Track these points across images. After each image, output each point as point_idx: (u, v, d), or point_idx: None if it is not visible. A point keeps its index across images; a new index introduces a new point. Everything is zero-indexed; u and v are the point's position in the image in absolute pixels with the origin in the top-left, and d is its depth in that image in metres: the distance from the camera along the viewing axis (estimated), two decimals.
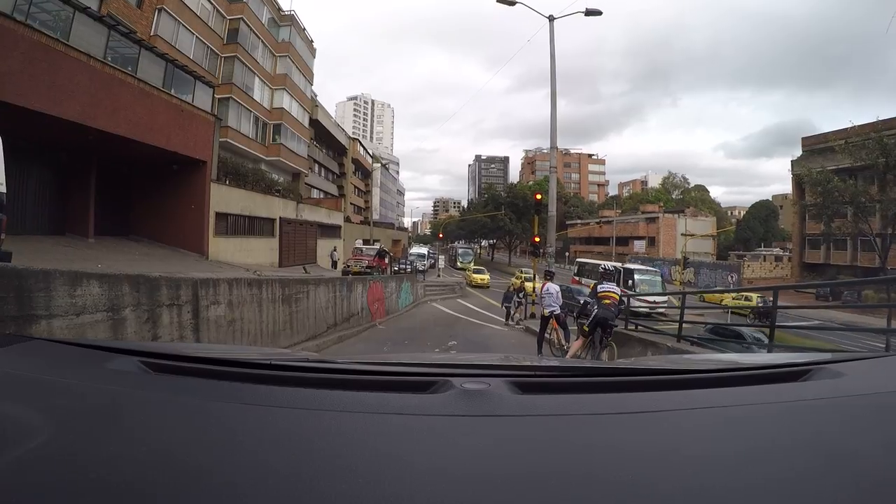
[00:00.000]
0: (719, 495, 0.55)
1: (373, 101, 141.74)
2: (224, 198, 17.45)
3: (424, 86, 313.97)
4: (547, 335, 8.62)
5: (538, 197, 16.19)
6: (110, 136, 12.77)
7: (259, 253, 19.93)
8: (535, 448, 0.64)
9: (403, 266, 24.55)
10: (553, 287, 8.60)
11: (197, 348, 1.96)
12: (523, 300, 15.45)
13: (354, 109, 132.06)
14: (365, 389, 0.84)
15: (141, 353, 0.97)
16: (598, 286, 6.72)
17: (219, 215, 17.11)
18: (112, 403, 0.75)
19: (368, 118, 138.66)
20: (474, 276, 33.27)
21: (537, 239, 16.02)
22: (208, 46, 23.05)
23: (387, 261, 21.16)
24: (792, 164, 37.44)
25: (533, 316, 15.16)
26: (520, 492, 0.53)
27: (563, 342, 8.19)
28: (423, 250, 42.14)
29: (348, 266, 18.57)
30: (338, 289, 9.63)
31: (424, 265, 32.39)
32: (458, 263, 50.08)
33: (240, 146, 24.54)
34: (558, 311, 8.32)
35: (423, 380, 0.87)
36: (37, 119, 11.15)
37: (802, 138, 38.33)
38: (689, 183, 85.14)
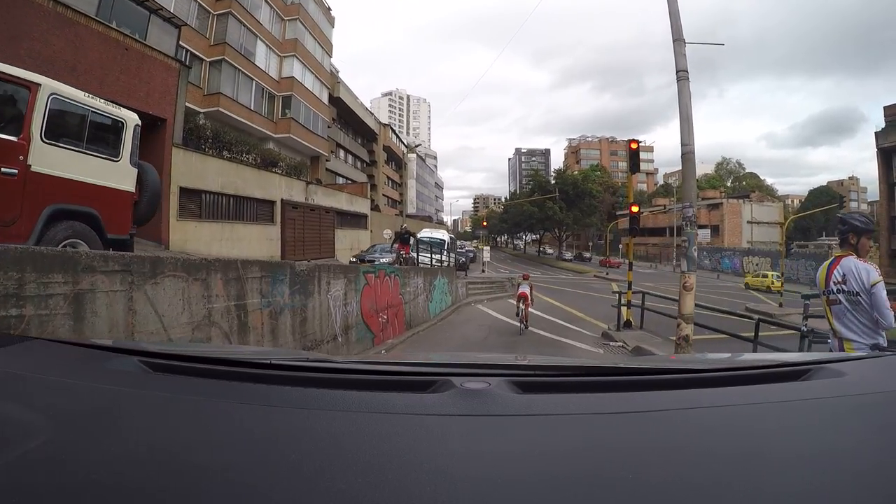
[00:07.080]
0: (720, 495, 0.54)
1: (408, 97, 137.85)
2: (195, 169, 13.37)
3: (470, 85, 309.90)
4: None
5: (633, 145, 10.67)
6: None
7: (251, 243, 15.78)
8: (536, 448, 0.63)
9: (382, 257, 14.19)
10: (865, 269, 2.89)
11: (196, 348, 1.80)
12: None
13: (389, 105, 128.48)
14: (364, 389, 0.83)
15: (140, 353, 0.97)
16: None
17: (187, 192, 13.06)
18: (112, 403, 0.74)
19: (404, 114, 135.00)
20: None
21: (636, 208, 10.93)
22: (195, 1, 19.24)
23: (410, 246, 14.23)
24: (877, 137, 33.26)
25: (629, 324, 10.00)
26: (520, 491, 0.53)
27: None
28: (442, 235, 22.88)
29: None
30: (264, 288, 4.66)
31: (439, 260, 16.43)
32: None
33: (237, 118, 20.74)
34: (884, 342, 3.14)
35: (423, 379, 0.86)
36: None
37: (885, 107, 34.30)
38: (743, 168, 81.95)
